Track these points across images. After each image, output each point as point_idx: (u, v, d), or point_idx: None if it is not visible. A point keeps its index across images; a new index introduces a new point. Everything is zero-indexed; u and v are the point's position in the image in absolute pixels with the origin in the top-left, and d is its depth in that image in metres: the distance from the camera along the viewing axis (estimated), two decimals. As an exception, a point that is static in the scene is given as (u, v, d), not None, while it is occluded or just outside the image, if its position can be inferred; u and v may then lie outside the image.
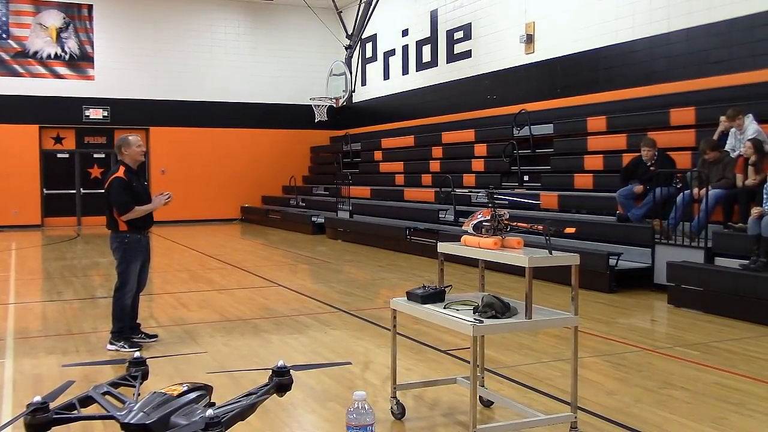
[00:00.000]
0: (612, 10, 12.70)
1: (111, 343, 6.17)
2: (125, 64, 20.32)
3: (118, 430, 3.26)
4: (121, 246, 6.17)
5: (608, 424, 4.19)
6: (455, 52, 17.16)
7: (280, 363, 3.71)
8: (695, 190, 8.68)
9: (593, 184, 11.32)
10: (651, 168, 9.49)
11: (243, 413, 3.35)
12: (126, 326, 6.25)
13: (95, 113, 20.24)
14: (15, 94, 19.22)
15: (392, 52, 20.11)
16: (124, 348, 6.05)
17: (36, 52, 19.61)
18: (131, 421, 3.18)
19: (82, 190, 20.46)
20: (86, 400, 3.50)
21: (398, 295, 4.50)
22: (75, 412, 3.41)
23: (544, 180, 12.65)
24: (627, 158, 10.62)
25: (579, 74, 13.48)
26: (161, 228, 17.57)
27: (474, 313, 3.81)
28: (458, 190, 13.25)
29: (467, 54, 16.71)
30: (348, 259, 12.77)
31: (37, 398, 3.25)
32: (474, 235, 4.13)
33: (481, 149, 14.93)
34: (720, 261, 7.99)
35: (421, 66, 18.70)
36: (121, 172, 6.15)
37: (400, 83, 19.66)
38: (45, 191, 19.96)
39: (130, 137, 6.34)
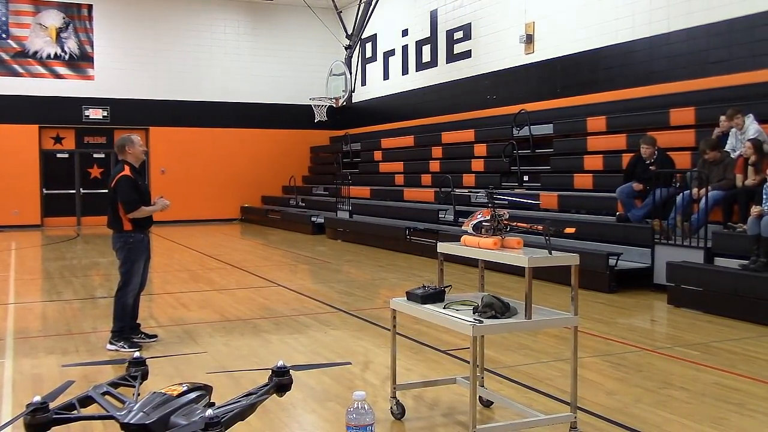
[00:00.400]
0: (612, 10, 12.71)
1: (111, 343, 6.17)
2: (125, 64, 20.32)
3: (117, 430, 3.26)
4: (126, 246, 6.19)
5: (608, 424, 4.19)
6: (455, 52, 17.16)
7: (280, 363, 3.70)
8: (694, 190, 8.68)
9: (593, 184, 11.32)
10: (650, 167, 9.48)
11: (243, 413, 3.35)
12: (126, 326, 6.25)
13: (95, 113, 20.24)
14: (15, 94, 19.22)
15: (392, 52, 20.11)
16: (124, 348, 6.05)
17: (36, 52, 19.61)
18: (131, 421, 3.18)
19: (82, 190, 20.46)
20: (86, 400, 3.50)
21: (398, 295, 4.50)
22: (75, 412, 3.40)
23: (544, 180, 12.65)
24: (627, 158, 10.62)
25: (579, 74, 13.48)
26: (161, 228, 17.57)
27: (474, 313, 3.81)
28: (458, 190, 13.25)
29: (467, 54, 16.71)
30: (348, 259, 12.77)
31: (37, 398, 3.24)
32: (474, 235, 4.13)
33: (480, 149, 14.93)
34: (719, 261, 7.99)
35: (420, 66, 18.70)
36: (127, 171, 6.19)
37: (400, 83, 19.66)
38: (45, 191, 19.95)
39: (132, 136, 6.39)
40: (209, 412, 3.11)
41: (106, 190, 6.36)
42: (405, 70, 19.44)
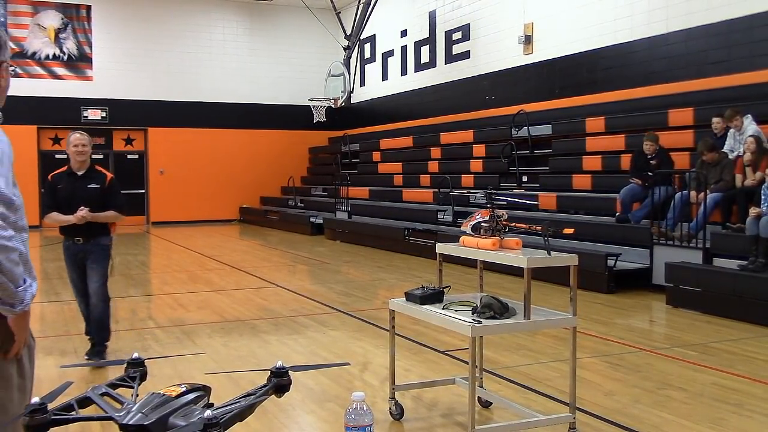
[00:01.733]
0: (611, 10, 12.71)
1: None
2: (124, 64, 20.30)
3: (116, 431, 3.26)
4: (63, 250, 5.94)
5: (606, 425, 4.19)
6: (454, 53, 17.17)
7: (279, 364, 3.69)
8: (692, 194, 8.67)
9: (592, 184, 11.33)
10: (651, 162, 9.49)
11: (242, 414, 3.34)
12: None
13: (93, 114, 20.22)
14: (13, 94, 18.87)
15: (391, 53, 20.11)
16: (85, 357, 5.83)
17: (34, 53, 19.59)
18: (129, 422, 3.17)
19: (81, 191, 20.40)
20: (84, 401, 3.49)
21: (397, 295, 4.50)
22: (73, 413, 3.39)
23: (543, 180, 12.65)
24: (625, 159, 10.63)
25: (577, 75, 13.48)
26: (160, 228, 17.56)
27: (473, 313, 3.81)
28: (457, 191, 13.25)
29: (466, 55, 16.72)
30: (346, 259, 12.77)
31: (36, 399, 3.24)
32: (472, 236, 4.13)
33: (479, 150, 14.94)
34: (718, 261, 8.00)
35: (419, 67, 18.70)
36: (52, 174, 5.84)
37: (399, 84, 19.66)
38: (43, 192, 19.91)
39: (72, 135, 5.73)
40: (208, 413, 3.11)
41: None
42: (404, 71, 19.44)
